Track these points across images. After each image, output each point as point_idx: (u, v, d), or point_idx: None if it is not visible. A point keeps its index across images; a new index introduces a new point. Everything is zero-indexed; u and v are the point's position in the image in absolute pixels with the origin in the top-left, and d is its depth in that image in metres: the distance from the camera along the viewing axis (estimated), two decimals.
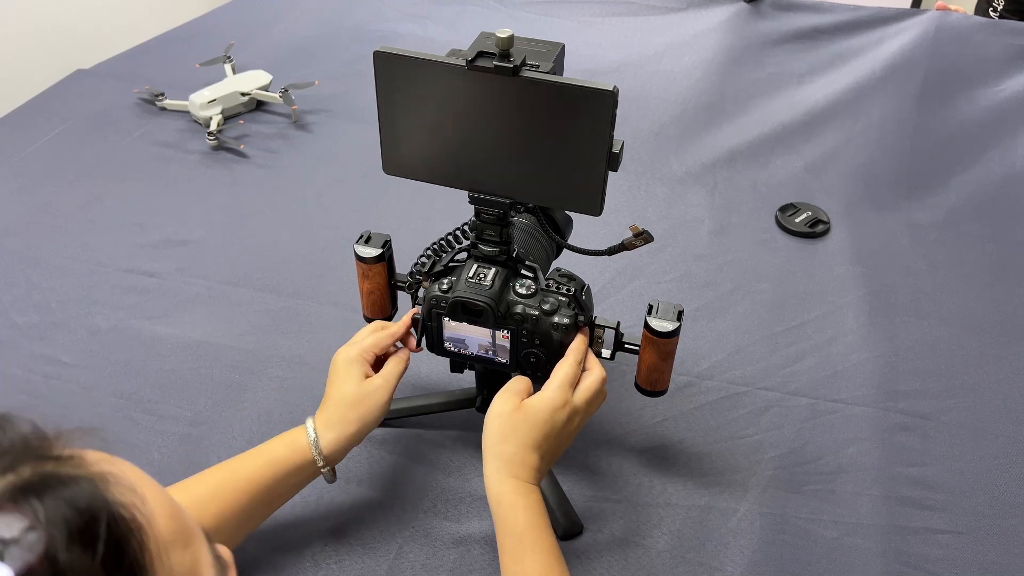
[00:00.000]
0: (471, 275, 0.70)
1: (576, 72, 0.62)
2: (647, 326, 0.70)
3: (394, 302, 0.81)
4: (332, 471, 0.70)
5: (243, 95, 1.37)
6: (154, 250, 1.10)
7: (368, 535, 0.76)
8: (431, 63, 0.62)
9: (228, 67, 1.43)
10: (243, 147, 1.30)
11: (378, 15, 1.73)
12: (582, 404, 0.67)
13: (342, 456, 0.70)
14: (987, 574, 0.75)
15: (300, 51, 1.60)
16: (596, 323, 0.72)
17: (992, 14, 1.70)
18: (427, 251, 0.74)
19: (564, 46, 0.66)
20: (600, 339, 0.73)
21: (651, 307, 0.71)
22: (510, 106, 0.62)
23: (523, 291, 0.70)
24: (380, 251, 0.76)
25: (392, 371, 0.72)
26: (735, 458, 0.84)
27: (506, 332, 0.71)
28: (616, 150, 0.62)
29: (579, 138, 0.62)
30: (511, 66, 0.60)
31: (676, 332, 0.70)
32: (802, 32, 1.56)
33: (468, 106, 0.63)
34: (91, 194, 1.20)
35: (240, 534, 0.68)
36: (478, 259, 0.72)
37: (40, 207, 1.17)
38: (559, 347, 0.70)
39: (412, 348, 0.76)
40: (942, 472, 0.84)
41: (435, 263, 0.73)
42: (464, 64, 0.61)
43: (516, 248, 0.72)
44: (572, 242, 0.75)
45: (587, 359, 0.70)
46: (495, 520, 0.64)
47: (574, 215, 0.79)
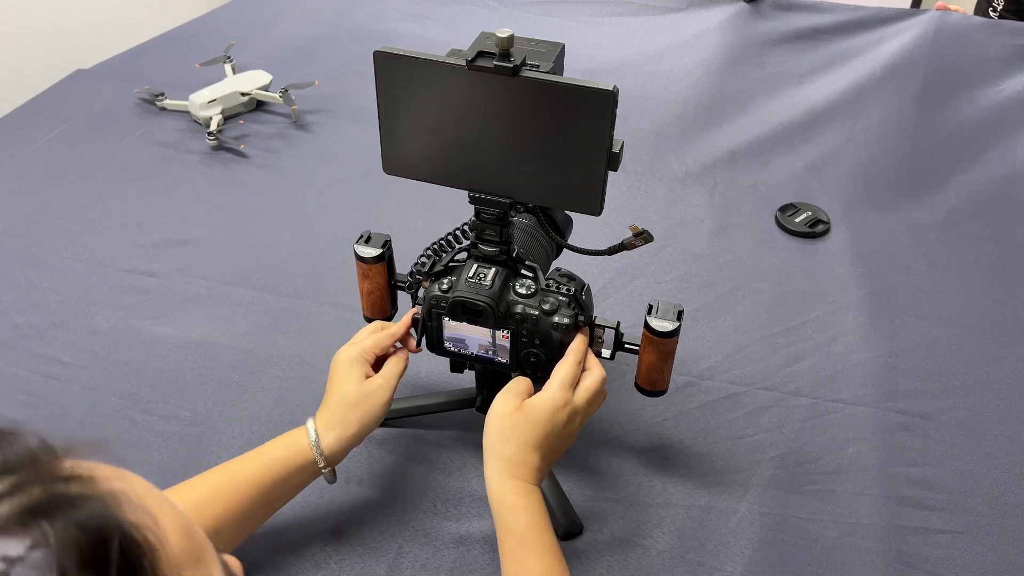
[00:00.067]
0: (471, 275, 0.70)
1: (576, 72, 0.62)
2: (647, 326, 0.70)
3: (394, 302, 0.81)
4: (332, 472, 0.70)
5: (243, 95, 1.37)
6: (154, 250, 1.10)
7: (368, 535, 0.76)
8: (431, 63, 0.62)
9: (228, 67, 1.43)
10: (243, 147, 1.30)
11: (378, 15, 1.73)
12: (583, 404, 0.67)
13: (343, 457, 0.70)
14: (987, 574, 0.75)
15: (300, 51, 1.60)
16: (596, 323, 0.72)
17: (992, 14, 1.70)
18: (427, 251, 0.74)
19: (564, 46, 0.66)
20: (600, 339, 0.73)
21: (651, 307, 0.71)
22: (510, 106, 0.62)
23: (523, 291, 0.70)
24: (380, 251, 0.76)
25: (392, 371, 0.72)
26: (735, 458, 0.84)
27: (506, 332, 0.71)
28: (616, 150, 0.62)
29: (579, 138, 0.62)
30: (511, 66, 0.60)
31: (676, 332, 0.70)
32: (802, 32, 1.56)
33: (468, 106, 0.63)
34: (91, 194, 1.20)
35: (241, 535, 0.68)
36: (478, 259, 0.72)
37: (40, 207, 1.17)
38: (559, 347, 0.70)
39: (412, 349, 0.77)
40: (942, 472, 0.84)
41: (435, 263, 0.73)
42: (464, 64, 0.61)
43: (516, 248, 0.72)
44: (572, 242, 0.75)
45: (587, 359, 0.70)
46: (496, 520, 0.64)
47: (574, 215, 0.79)
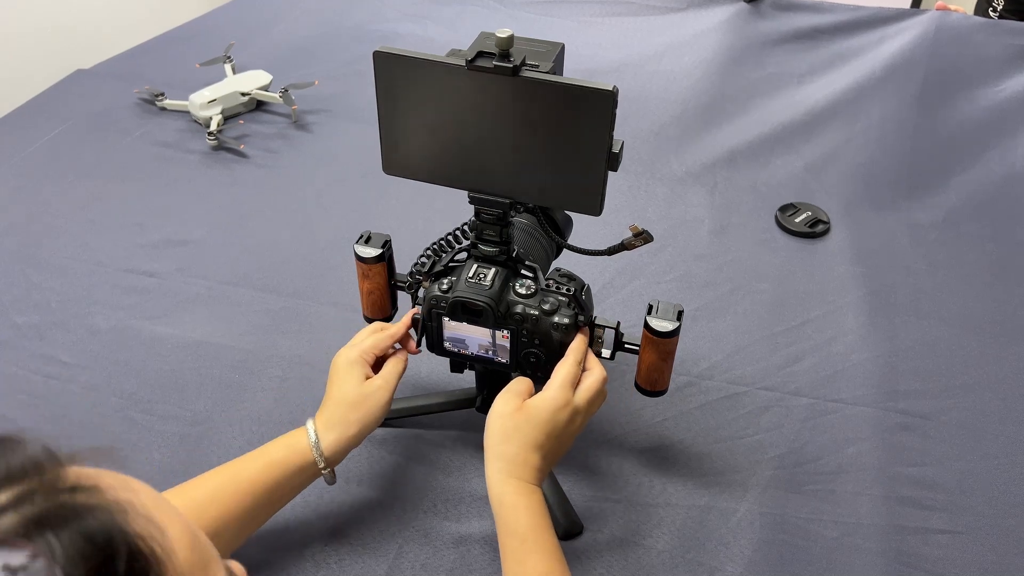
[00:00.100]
0: (471, 275, 0.70)
1: (576, 72, 0.62)
2: (647, 326, 0.70)
3: (394, 302, 0.81)
4: (332, 473, 0.70)
5: (243, 95, 1.37)
6: (154, 250, 1.10)
7: (368, 535, 0.76)
8: (431, 63, 0.62)
9: (228, 67, 1.43)
10: (243, 147, 1.30)
11: (378, 15, 1.73)
12: (583, 404, 0.67)
13: (343, 457, 0.70)
14: (987, 574, 0.75)
15: (300, 51, 1.60)
16: (596, 323, 0.72)
17: (992, 14, 1.70)
18: (427, 251, 0.74)
19: (564, 46, 0.66)
20: (600, 339, 0.73)
21: (651, 307, 0.71)
22: (510, 106, 0.62)
23: (523, 291, 0.70)
24: (380, 251, 0.76)
25: (392, 372, 0.72)
26: (735, 458, 0.84)
27: (506, 332, 0.70)
28: (616, 150, 0.62)
29: (579, 138, 0.62)
30: (511, 66, 0.60)
31: (676, 332, 0.70)
32: (802, 32, 1.56)
33: (468, 106, 0.63)
34: (91, 194, 1.20)
35: (241, 536, 0.68)
36: (478, 259, 0.72)
37: (40, 207, 1.17)
38: (559, 347, 0.70)
39: (411, 350, 0.76)
40: (942, 472, 0.84)
41: (435, 263, 0.73)
42: (464, 64, 0.61)
43: (516, 248, 0.72)
44: (572, 242, 0.75)
45: (587, 359, 0.70)
46: (497, 521, 0.64)
47: (574, 215, 0.79)
